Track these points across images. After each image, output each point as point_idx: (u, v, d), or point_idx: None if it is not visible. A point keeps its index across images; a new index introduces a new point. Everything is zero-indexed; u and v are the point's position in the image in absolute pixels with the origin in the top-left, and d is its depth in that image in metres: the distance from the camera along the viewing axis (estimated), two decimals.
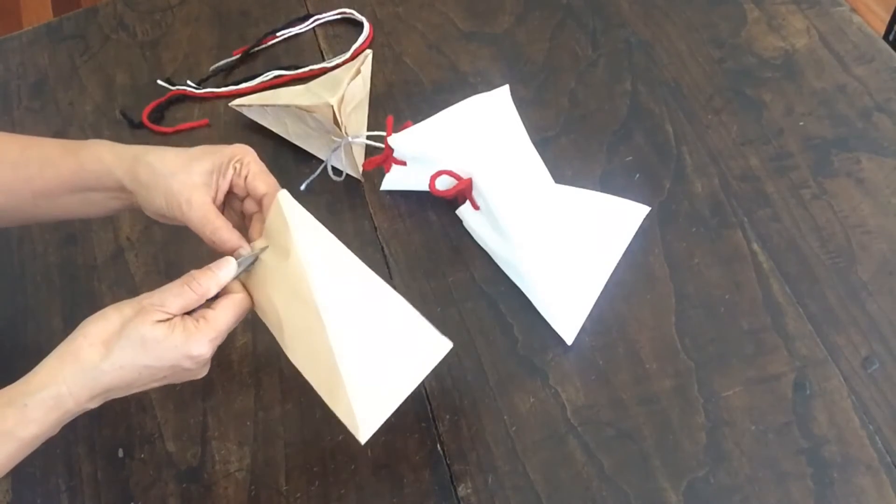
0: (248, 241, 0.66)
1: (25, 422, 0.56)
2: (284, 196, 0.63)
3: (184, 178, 0.63)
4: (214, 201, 0.65)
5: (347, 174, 0.87)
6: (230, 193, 0.67)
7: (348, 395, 0.58)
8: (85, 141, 0.69)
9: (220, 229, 0.64)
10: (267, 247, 0.63)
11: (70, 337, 0.58)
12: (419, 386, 0.72)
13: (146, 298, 0.59)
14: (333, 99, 0.84)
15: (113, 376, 0.57)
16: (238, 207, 0.69)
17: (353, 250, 0.82)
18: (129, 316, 0.58)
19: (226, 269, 0.62)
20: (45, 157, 0.68)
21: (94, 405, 0.59)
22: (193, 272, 0.61)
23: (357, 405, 0.58)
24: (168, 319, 0.59)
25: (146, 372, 0.58)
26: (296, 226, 0.61)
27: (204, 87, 0.98)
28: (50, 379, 0.56)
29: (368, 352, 0.61)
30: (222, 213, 0.66)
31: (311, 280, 0.60)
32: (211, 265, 0.62)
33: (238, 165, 0.65)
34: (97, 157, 0.66)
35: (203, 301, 0.61)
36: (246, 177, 0.65)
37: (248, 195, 0.67)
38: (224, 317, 0.61)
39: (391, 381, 0.61)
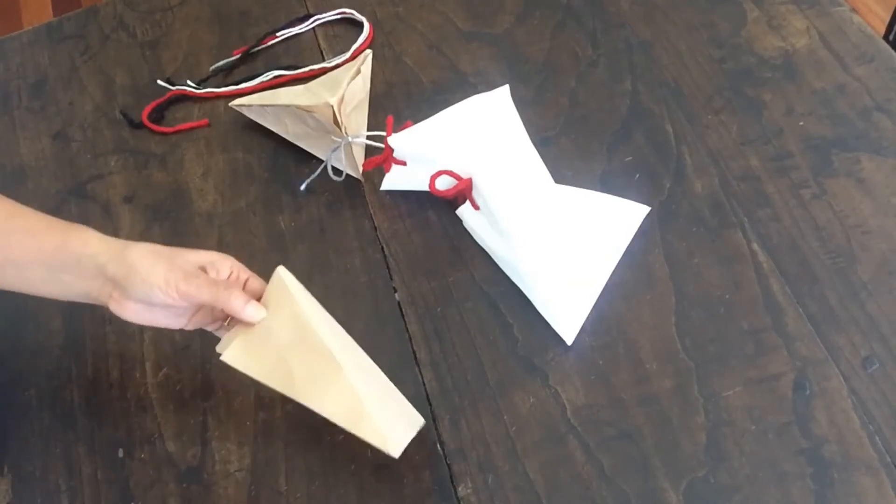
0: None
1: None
2: (284, 270, 0.68)
3: (182, 259, 0.67)
4: None
5: (347, 174, 0.87)
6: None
7: (373, 417, 0.64)
8: (72, 223, 0.69)
9: (234, 288, 0.66)
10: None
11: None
12: (419, 385, 0.73)
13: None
14: (333, 99, 0.84)
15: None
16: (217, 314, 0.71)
17: (353, 250, 0.82)
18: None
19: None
20: (29, 228, 0.67)
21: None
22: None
23: (383, 425, 0.64)
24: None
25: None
26: (297, 291, 0.68)
27: (204, 87, 0.98)
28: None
29: (377, 391, 0.67)
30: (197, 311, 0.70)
31: (319, 330, 0.66)
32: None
33: (236, 269, 0.69)
34: (84, 240, 0.67)
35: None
36: (246, 280, 0.69)
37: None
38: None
39: (401, 416, 0.67)
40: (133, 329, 0.80)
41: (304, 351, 0.65)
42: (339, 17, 1.03)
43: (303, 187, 0.87)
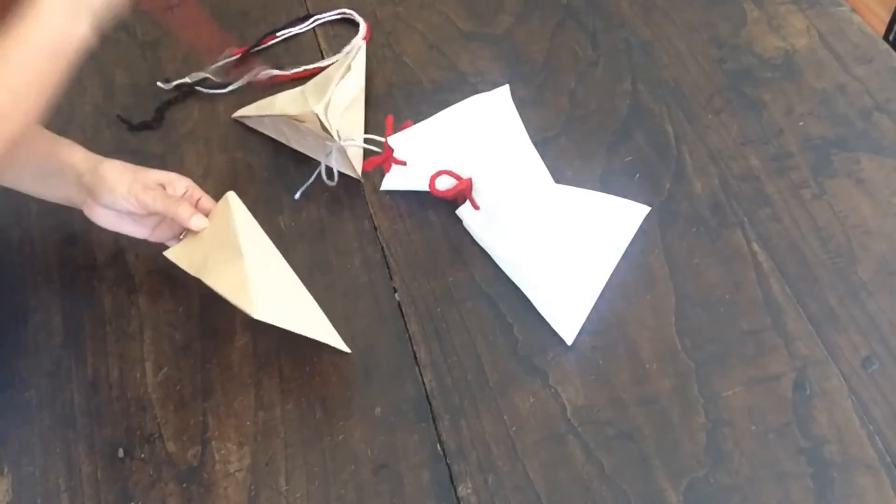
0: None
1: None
2: (233, 195, 0.77)
3: (145, 175, 0.77)
4: None
5: (342, 176, 0.86)
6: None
7: (250, 291, 0.69)
8: (61, 137, 0.79)
9: (184, 202, 0.76)
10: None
11: None
12: (419, 385, 0.73)
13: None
14: (318, 107, 0.83)
15: None
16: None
17: (352, 250, 0.82)
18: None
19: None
20: (27, 134, 0.73)
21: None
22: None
23: (257, 295, 0.69)
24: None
25: None
26: (238, 211, 0.76)
27: (204, 87, 0.98)
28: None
29: (279, 286, 0.75)
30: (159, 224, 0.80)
31: (241, 237, 0.74)
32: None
33: (191, 188, 0.78)
34: (70, 151, 0.77)
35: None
36: (199, 199, 0.78)
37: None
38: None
39: (291, 307, 0.74)
40: (133, 329, 0.80)
41: (224, 250, 0.74)
42: (339, 17, 1.03)
43: (297, 195, 0.87)
